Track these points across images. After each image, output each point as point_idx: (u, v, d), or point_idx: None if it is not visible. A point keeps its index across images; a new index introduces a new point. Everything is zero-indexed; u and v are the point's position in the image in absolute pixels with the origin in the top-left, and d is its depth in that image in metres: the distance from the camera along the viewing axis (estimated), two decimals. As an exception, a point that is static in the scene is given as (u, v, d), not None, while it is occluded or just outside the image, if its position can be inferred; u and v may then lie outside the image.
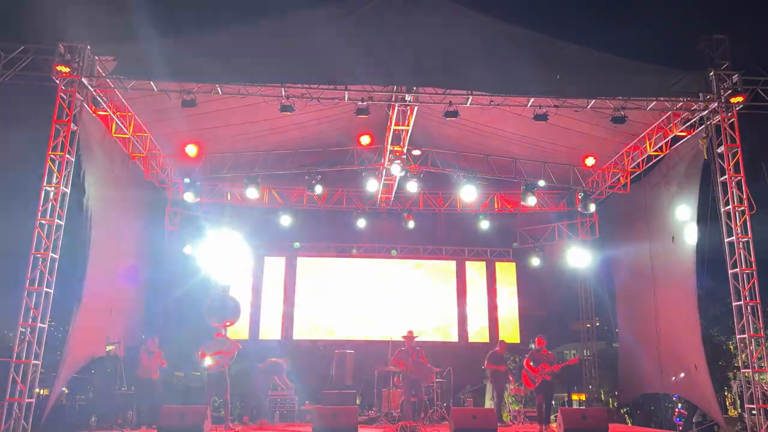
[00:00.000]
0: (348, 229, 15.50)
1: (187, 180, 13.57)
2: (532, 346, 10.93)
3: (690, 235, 10.75)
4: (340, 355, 12.88)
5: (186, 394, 14.05)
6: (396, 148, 12.54)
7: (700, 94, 10.14)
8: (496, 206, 15.63)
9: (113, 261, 11.23)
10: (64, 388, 12.04)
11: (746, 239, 9.68)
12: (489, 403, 15.13)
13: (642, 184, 13.05)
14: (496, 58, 9.92)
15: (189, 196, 13.64)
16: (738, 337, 9.70)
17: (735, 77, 9.97)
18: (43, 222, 8.99)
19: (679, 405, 15.04)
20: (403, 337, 11.15)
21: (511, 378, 12.12)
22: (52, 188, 9.09)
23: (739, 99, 9.92)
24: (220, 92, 10.11)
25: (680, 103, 10.61)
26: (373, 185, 14.16)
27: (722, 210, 9.95)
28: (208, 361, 10.00)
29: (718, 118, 10.11)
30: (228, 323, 11.80)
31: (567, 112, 10.91)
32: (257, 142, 13.41)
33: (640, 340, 13.02)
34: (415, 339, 11.05)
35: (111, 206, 11.08)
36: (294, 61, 9.63)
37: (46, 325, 8.90)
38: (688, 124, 11.09)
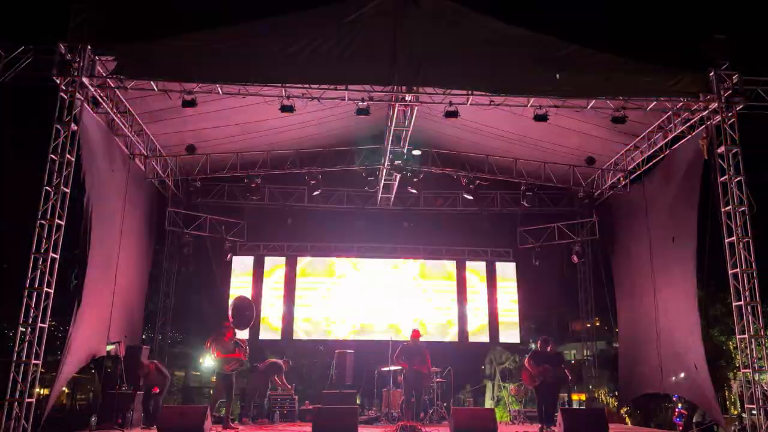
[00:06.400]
0: (348, 229, 15.50)
1: (187, 180, 13.63)
2: (533, 345, 10.93)
3: (690, 235, 10.74)
4: (340, 355, 12.88)
5: (186, 394, 14.09)
6: (396, 148, 12.54)
7: (700, 94, 10.13)
8: (496, 206, 15.63)
9: (113, 261, 11.23)
10: (64, 388, 12.05)
11: (746, 240, 9.67)
12: (489, 403, 15.23)
13: (642, 184, 13.04)
14: (496, 58, 9.92)
15: (189, 196, 13.70)
16: (738, 337, 9.70)
17: (735, 77, 9.96)
18: (44, 222, 8.99)
19: (679, 405, 15.06)
20: (411, 337, 11.20)
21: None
22: (53, 188, 9.09)
23: (739, 99, 9.91)
24: (220, 92, 10.12)
25: (680, 104, 10.61)
26: (373, 185, 14.16)
27: (722, 210, 9.95)
28: (225, 364, 9.99)
29: (718, 118, 10.11)
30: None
31: (567, 112, 10.92)
32: (257, 142, 13.41)
33: (640, 340, 13.02)
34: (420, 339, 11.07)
35: (111, 206, 11.09)
36: (294, 61, 9.62)
37: (46, 325, 8.90)
38: (689, 124, 11.09)
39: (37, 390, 9.24)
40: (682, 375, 11.25)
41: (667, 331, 11.80)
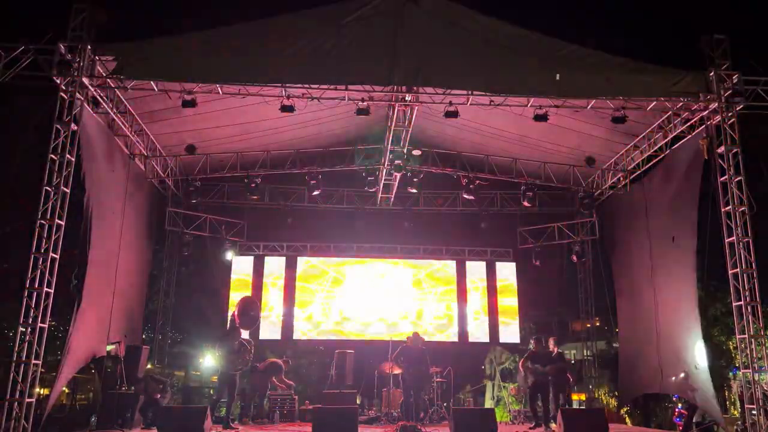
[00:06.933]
0: (348, 229, 15.50)
1: (187, 180, 13.62)
2: (530, 346, 10.94)
3: (690, 235, 10.74)
4: (340, 355, 12.88)
5: (186, 394, 14.08)
6: (396, 148, 12.54)
7: (701, 94, 10.13)
8: (496, 206, 15.63)
9: (113, 261, 11.23)
10: (64, 388, 12.04)
11: (746, 240, 9.67)
12: (489, 403, 15.19)
13: (642, 184, 13.03)
14: (496, 58, 9.93)
15: (189, 196, 13.69)
16: (738, 337, 9.69)
17: (735, 77, 9.95)
18: (44, 222, 8.99)
19: (679, 405, 15.04)
20: (407, 337, 11.29)
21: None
22: (53, 188, 9.09)
23: (739, 99, 9.91)
24: (220, 92, 10.12)
25: (680, 103, 10.61)
26: (373, 185, 14.16)
27: (722, 210, 9.95)
28: (231, 364, 10.02)
29: (718, 118, 10.11)
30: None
31: (567, 112, 10.92)
32: (257, 142, 13.42)
33: (640, 340, 13.02)
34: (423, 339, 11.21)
35: (111, 206, 11.09)
36: (294, 61, 9.63)
37: (46, 325, 8.90)
38: (689, 124, 11.09)
39: (37, 390, 9.23)
40: (682, 375, 11.24)
41: (667, 331, 11.80)
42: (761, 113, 10.07)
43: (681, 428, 13.87)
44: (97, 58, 9.51)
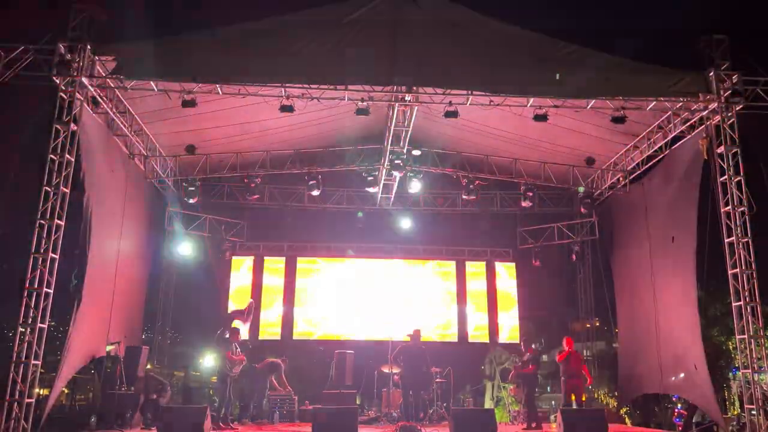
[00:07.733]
0: (348, 229, 15.48)
1: (187, 180, 13.61)
2: (533, 346, 11.03)
3: (690, 235, 10.74)
4: (340, 355, 12.88)
5: (186, 394, 14.08)
6: (396, 149, 12.54)
7: (700, 94, 10.13)
8: (496, 206, 15.63)
9: (113, 261, 11.23)
10: (64, 388, 12.04)
11: (746, 240, 9.67)
12: (489, 403, 15.19)
13: (642, 185, 13.04)
14: (496, 58, 9.94)
15: (188, 196, 13.68)
16: (738, 337, 9.70)
17: (735, 77, 9.95)
18: (43, 222, 8.99)
19: (679, 405, 15.06)
20: (409, 335, 11.26)
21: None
22: (52, 188, 9.09)
23: (739, 99, 9.91)
24: (220, 92, 10.11)
25: (680, 104, 10.61)
26: (373, 185, 14.16)
27: (722, 210, 9.95)
28: (232, 365, 10.05)
29: (717, 118, 10.11)
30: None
31: (567, 112, 10.92)
32: (257, 142, 13.41)
33: (640, 340, 13.02)
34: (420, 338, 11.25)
35: (111, 206, 11.09)
36: (294, 61, 9.63)
37: (46, 325, 8.90)
38: (688, 124, 11.09)
39: (37, 390, 9.23)
40: (682, 375, 11.25)
41: (666, 331, 11.80)
42: (761, 113, 10.06)
43: (681, 428, 13.89)
44: (96, 58, 9.52)
